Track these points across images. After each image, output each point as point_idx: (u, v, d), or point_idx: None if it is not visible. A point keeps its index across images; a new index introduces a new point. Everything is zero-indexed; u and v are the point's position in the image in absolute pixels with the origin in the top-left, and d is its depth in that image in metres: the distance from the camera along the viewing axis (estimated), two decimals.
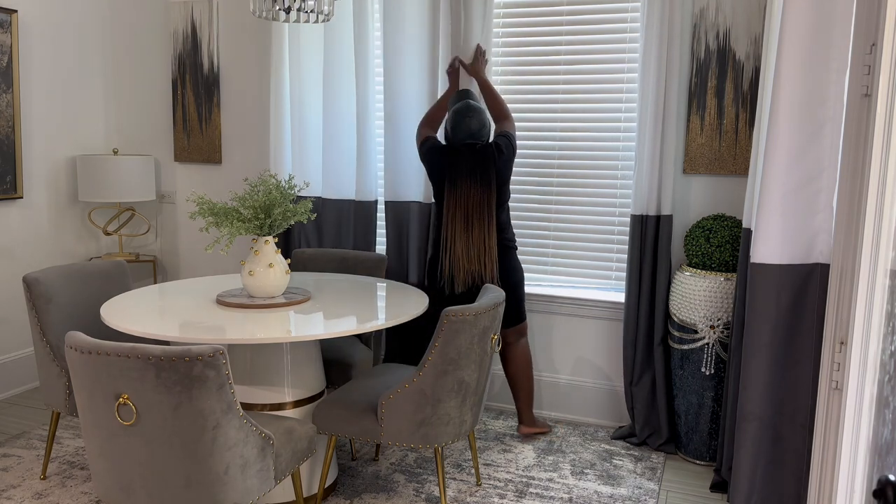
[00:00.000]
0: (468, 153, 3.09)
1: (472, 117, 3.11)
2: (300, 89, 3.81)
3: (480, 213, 3.08)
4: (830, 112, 2.41)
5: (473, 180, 3.07)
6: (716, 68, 3.21)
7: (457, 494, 2.88)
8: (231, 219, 2.61)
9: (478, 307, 2.44)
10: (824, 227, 2.47)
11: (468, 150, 3.10)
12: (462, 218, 3.08)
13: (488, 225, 3.08)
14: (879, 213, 1.51)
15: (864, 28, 1.56)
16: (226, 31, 4.13)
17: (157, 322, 2.42)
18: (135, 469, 1.98)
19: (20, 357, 3.94)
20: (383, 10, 3.57)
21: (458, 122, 3.12)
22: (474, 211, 3.07)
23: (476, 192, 3.07)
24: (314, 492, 2.76)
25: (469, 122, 3.10)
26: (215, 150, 4.22)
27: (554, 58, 3.55)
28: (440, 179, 3.16)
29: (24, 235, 3.94)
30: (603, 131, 3.51)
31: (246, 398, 2.64)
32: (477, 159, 3.08)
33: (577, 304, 3.60)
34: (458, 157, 3.10)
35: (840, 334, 1.63)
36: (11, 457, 3.12)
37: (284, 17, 2.71)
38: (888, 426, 1.54)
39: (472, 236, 3.08)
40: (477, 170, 3.07)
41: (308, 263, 3.50)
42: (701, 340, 3.09)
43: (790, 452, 2.60)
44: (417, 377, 2.46)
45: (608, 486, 2.97)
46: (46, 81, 4.00)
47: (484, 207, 3.08)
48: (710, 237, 3.08)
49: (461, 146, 3.12)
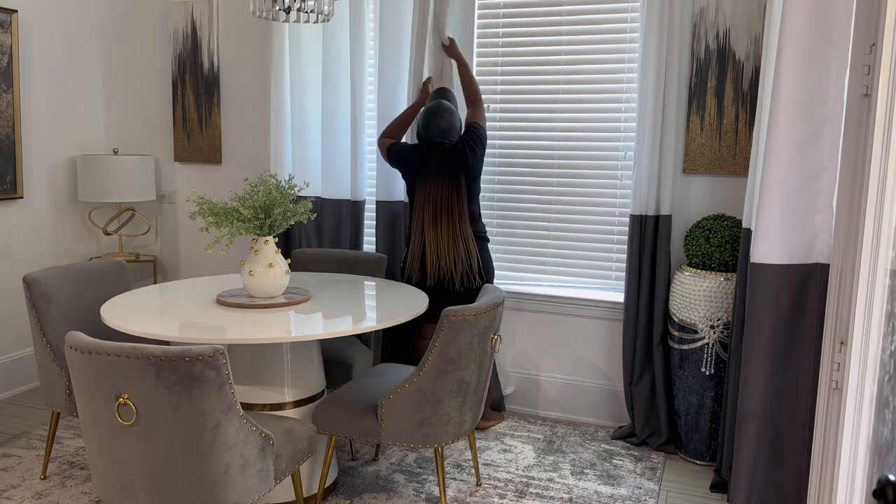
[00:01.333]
0: (437, 152, 3.17)
1: (442, 117, 3.18)
2: (300, 89, 3.81)
3: (450, 211, 3.15)
4: (830, 112, 2.41)
5: (442, 179, 3.15)
6: (716, 68, 3.21)
7: (457, 494, 2.88)
8: (231, 219, 2.61)
9: (478, 307, 2.44)
10: (824, 227, 2.47)
11: (437, 148, 3.17)
12: (431, 214, 3.16)
13: (459, 221, 3.16)
14: (879, 213, 1.51)
15: (864, 28, 1.56)
16: (226, 31, 4.13)
17: (157, 322, 2.42)
18: (135, 469, 1.98)
19: (20, 357, 3.94)
20: (379, 10, 3.59)
21: (430, 121, 3.19)
22: (442, 208, 3.15)
23: (444, 190, 3.15)
24: (314, 492, 2.76)
25: (439, 122, 3.17)
26: (215, 150, 4.22)
27: (554, 58, 3.55)
28: (412, 178, 3.25)
29: (24, 235, 3.94)
30: (603, 131, 3.51)
31: (246, 398, 2.64)
32: (446, 159, 3.16)
33: (577, 304, 3.60)
34: (427, 155, 3.18)
35: (840, 334, 1.63)
36: (11, 457, 3.12)
37: (284, 17, 2.71)
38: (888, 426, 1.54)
39: (440, 232, 3.15)
40: (446, 169, 3.15)
41: (308, 263, 3.50)
42: (701, 340, 3.09)
43: (790, 452, 2.60)
44: (417, 377, 2.46)
45: (608, 486, 2.97)
46: (46, 81, 4.00)
47: (454, 205, 3.15)
48: (710, 237, 3.08)
49: (430, 145, 3.19)
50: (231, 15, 4.11)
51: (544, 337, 3.71)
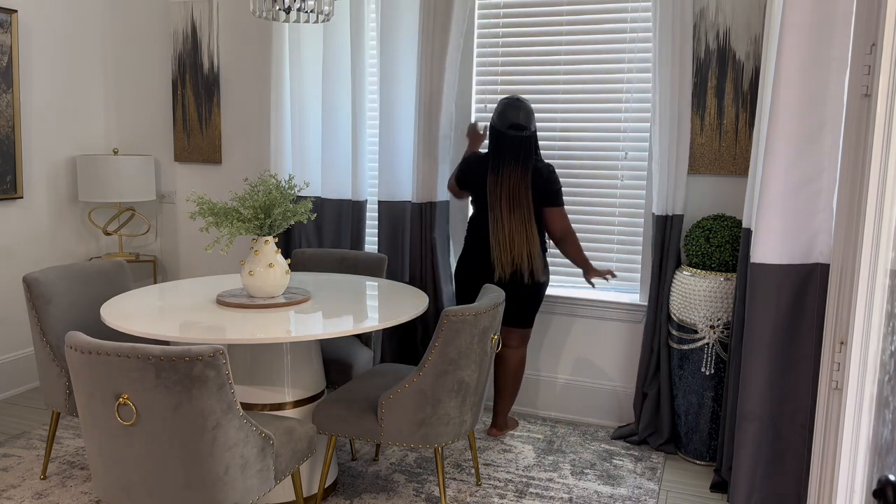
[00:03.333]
0: (513, 139, 3.17)
1: (520, 108, 3.18)
2: (300, 89, 3.81)
3: (521, 197, 3.15)
4: (830, 112, 2.41)
5: (517, 164, 3.15)
6: (716, 68, 3.21)
7: (457, 494, 2.88)
8: (231, 219, 2.61)
9: (478, 307, 2.45)
10: (824, 227, 2.47)
11: (513, 137, 3.17)
12: (507, 199, 3.15)
13: (528, 210, 3.15)
14: (879, 213, 1.51)
15: (864, 28, 1.56)
16: (226, 31, 4.13)
17: (157, 322, 2.42)
18: (135, 469, 1.98)
19: (20, 357, 3.94)
20: (379, 9, 3.59)
21: (506, 111, 3.18)
22: (517, 193, 3.14)
23: (518, 174, 3.15)
24: (314, 492, 2.76)
25: (517, 113, 3.17)
26: (215, 150, 4.22)
27: (554, 58, 3.55)
28: (484, 175, 3.21)
29: (24, 235, 3.94)
30: (603, 131, 3.51)
31: (246, 398, 2.64)
32: (521, 146, 3.16)
33: (578, 305, 3.60)
34: (503, 141, 3.18)
35: (840, 334, 1.63)
36: (11, 457, 3.12)
37: (284, 17, 2.71)
38: (888, 426, 1.54)
39: (514, 219, 3.15)
40: (520, 155, 3.16)
41: (308, 263, 3.50)
42: (701, 340, 3.08)
43: (790, 452, 2.60)
44: (417, 377, 2.46)
45: (608, 486, 2.97)
46: (46, 81, 4.00)
47: (524, 191, 3.15)
48: (710, 237, 3.08)
49: (506, 133, 3.18)
50: (231, 15, 4.11)
51: (544, 337, 3.71)
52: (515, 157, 3.16)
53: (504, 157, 3.17)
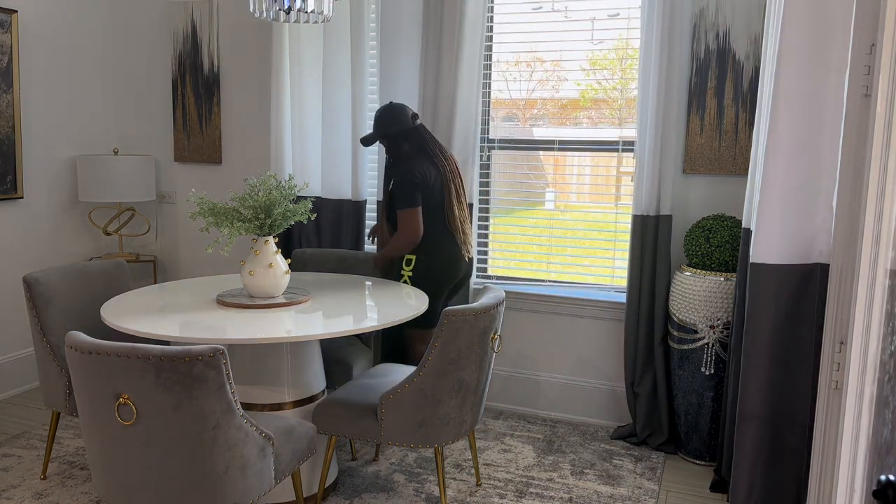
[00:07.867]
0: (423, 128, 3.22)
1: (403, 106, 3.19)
2: (300, 89, 3.81)
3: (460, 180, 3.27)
4: (830, 112, 2.41)
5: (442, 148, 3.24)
6: (716, 68, 3.21)
7: (457, 494, 2.88)
8: (231, 219, 2.61)
9: (478, 307, 2.45)
10: (824, 227, 2.47)
11: (422, 126, 3.22)
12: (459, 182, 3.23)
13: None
14: (879, 213, 1.51)
15: (864, 28, 1.56)
16: (226, 31, 4.13)
17: (157, 322, 2.42)
18: (135, 469, 1.98)
19: (20, 357, 3.94)
20: (380, 8, 3.59)
21: (395, 111, 3.16)
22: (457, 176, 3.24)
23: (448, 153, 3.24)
24: (314, 492, 2.76)
25: (404, 108, 3.17)
26: (215, 150, 4.22)
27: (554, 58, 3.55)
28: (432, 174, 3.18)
29: (24, 235, 3.94)
30: (602, 130, 3.51)
31: (246, 398, 2.64)
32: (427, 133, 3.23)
33: (578, 305, 3.60)
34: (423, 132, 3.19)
35: (840, 334, 1.63)
36: (11, 457, 3.12)
37: (284, 17, 2.71)
38: (888, 426, 1.54)
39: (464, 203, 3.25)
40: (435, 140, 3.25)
41: (308, 263, 3.50)
42: (701, 340, 3.09)
43: (790, 452, 2.60)
44: (417, 377, 2.46)
45: (608, 486, 2.97)
46: (46, 81, 4.00)
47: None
48: (710, 237, 3.08)
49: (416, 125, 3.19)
50: (231, 15, 4.10)
51: (544, 337, 3.71)
52: (436, 141, 3.22)
53: (431, 144, 3.19)
